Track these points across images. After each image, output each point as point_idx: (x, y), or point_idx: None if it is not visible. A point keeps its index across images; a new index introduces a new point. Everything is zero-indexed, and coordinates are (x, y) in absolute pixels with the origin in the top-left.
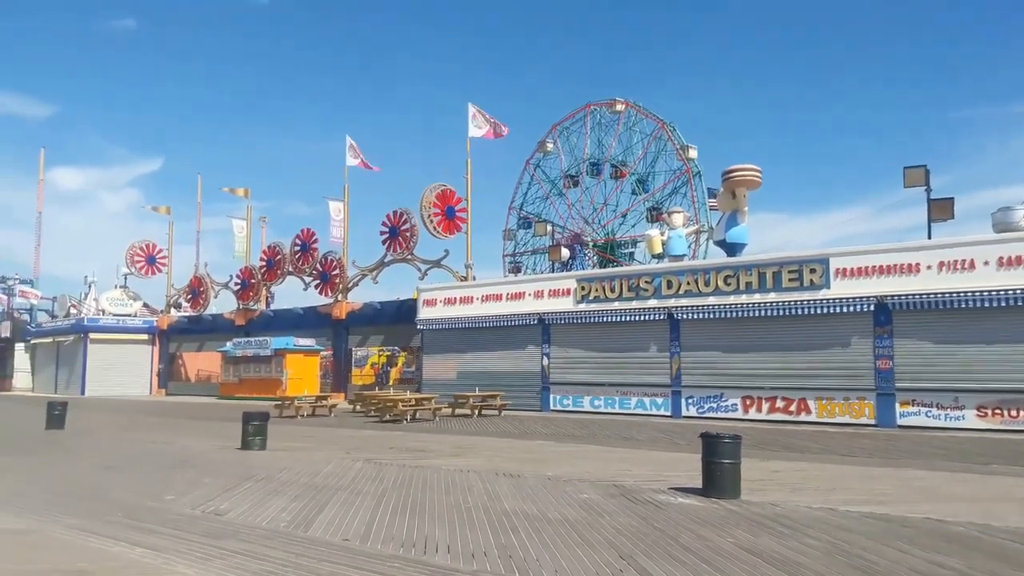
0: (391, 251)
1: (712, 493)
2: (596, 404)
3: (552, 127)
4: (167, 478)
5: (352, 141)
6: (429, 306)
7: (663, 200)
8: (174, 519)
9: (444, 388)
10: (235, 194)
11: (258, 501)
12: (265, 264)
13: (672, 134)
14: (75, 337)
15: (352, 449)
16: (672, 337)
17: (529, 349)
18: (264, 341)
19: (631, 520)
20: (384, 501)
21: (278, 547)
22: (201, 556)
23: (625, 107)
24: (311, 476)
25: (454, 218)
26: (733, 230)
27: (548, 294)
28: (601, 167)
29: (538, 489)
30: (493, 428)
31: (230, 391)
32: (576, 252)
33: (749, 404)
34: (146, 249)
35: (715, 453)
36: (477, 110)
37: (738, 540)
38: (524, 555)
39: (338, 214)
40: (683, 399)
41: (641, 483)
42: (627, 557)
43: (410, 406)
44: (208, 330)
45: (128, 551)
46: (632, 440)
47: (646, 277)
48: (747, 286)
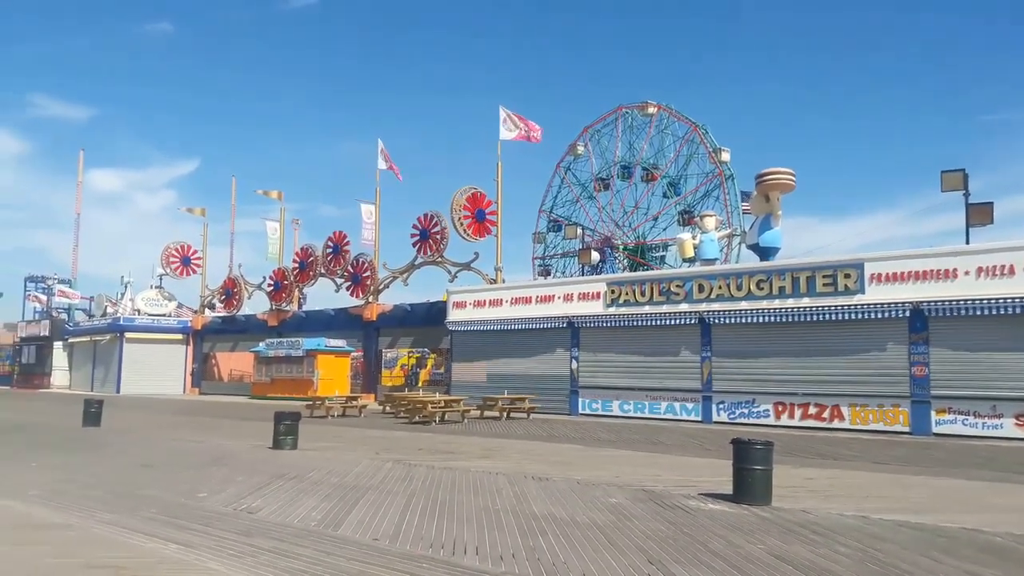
0: (421, 253)
1: (743, 499)
2: (625, 408)
3: (583, 130)
4: (200, 476)
5: (383, 145)
6: (459, 308)
7: (695, 203)
8: (207, 516)
9: (473, 390)
10: (269, 196)
11: (289, 500)
12: (298, 266)
13: (705, 137)
14: (111, 336)
15: (382, 450)
16: (703, 342)
17: (558, 352)
18: (296, 342)
19: (660, 525)
20: (413, 502)
21: (308, 545)
22: (233, 553)
23: (657, 110)
24: (341, 476)
25: (484, 221)
26: (766, 234)
27: (578, 297)
28: (632, 170)
29: (566, 492)
30: (521, 431)
31: (262, 391)
32: (606, 255)
33: (781, 410)
34: (181, 250)
35: (746, 459)
36: (508, 113)
37: (769, 547)
38: (552, 558)
39: (369, 217)
40: (714, 404)
41: (670, 488)
42: (656, 562)
43: (439, 408)
44: (241, 330)
45: (162, 547)
46: (661, 445)
47: (677, 281)
48: (780, 291)
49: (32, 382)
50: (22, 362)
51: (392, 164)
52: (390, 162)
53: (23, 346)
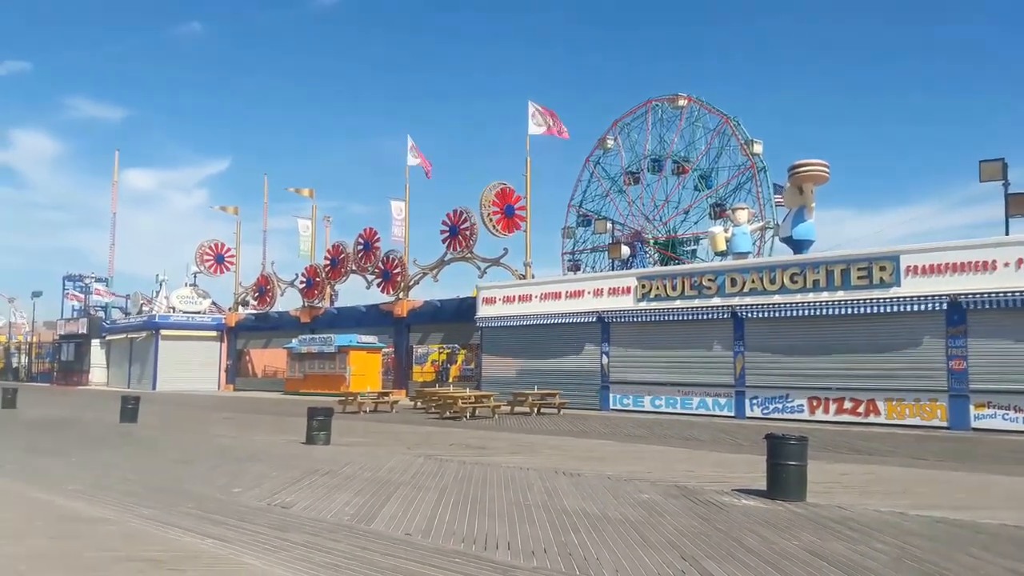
0: (451, 250)
1: (777, 495)
2: (657, 404)
3: (612, 124)
4: (235, 471)
5: (413, 142)
6: (488, 304)
7: (727, 196)
8: (242, 511)
9: (503, 386)
10: (300, 194)
11: (322, 495)
12: (329, 263)
13: (736, 129)
14: (147, 334)
15: (413, 445)
16: (736, 336)
17: (588, 347)
18: (328, 338)
19: (693, 521)
20: (445, 497)
21: (342, 540)
22: (267, 548)
23: (688, 102)
24: (374, 471)
25: (513, 216)
26: (800, 226)
27: (608, 292)
28: (663, 163)
29: (598, 488)
30: (552, 426)
31: (295, 387)
32: (636, 250)
33: (816, 405)
34: (215, 248)
35: (780, 455)
36: (536, 108)
37: (803, 543)
38: (584, 554)
39: (399, 213)
40: (747, 399)
41: (703, 484)
42: (689, 558)
43: (470, 403)
44: (274, 327)
45: (198, 541)
46: (694, 440)
47: (709, 275)
48: (814, 284)
49: (71, 379)
50: (61, 359)
51: (423, 158)
52: (420, 157)
53: (62, 344)
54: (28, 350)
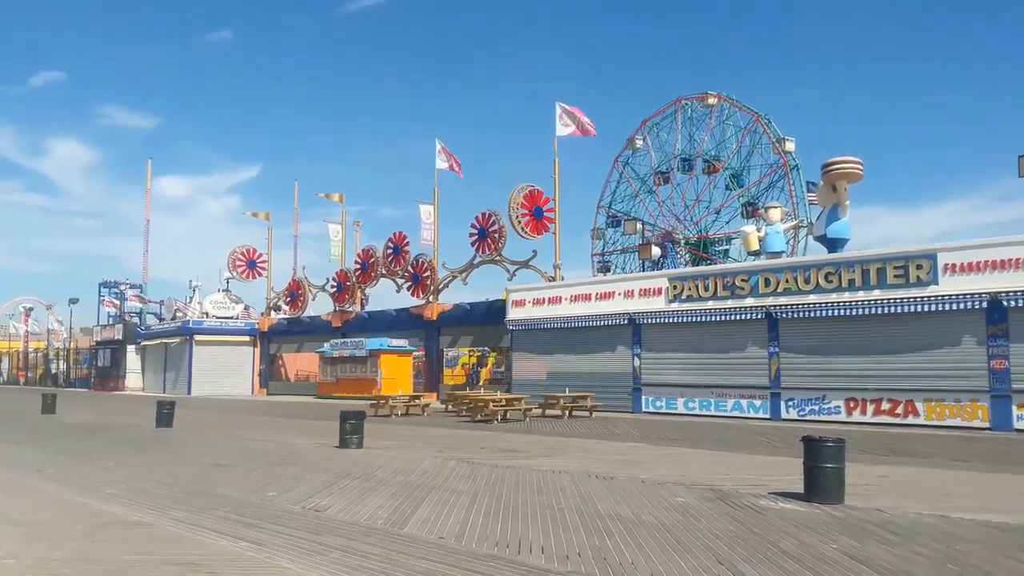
0: (480, 252)
1: (814, 498)
2: (690, 406)
3: (641, 123)
4: (269, 475)
5: (442, 145)
6: (518, 307)
7: (759, 195)
8: (276, 514)
9: (534, 388)
10: (330, 199)
11: (356, 498)
12: (359, 267)
13: (768, 127)
14: (181, 339)
15: (445, 448)
16: (770, 337)
17: (619, 349)
18: (359, 342)
19: (729, 524)
20: (477, 500)
21: (376, 544)
22: (302, 551)
23: (718, 100)
24: (406, 474)
25: (542, 218)
26: (834, 225)
27: (639, 293)
28: (693, 163)
29: (631, 491)
30: (584, 429)
31: (328, 391)
32: (667, 250)
33: (853, 406)
34: (247, 254)
35: (817, 457)
36: (564, 109)
37: (842, 546)
38: (619, 558)
39: (428, 217)
40: (782, 401)
41: (739, 487)
42: (725, 562)
43: (501, 406)
44: (306, 331)
45: (233, 544)
46: (728, 443)
47: (742, 275)
48: (850, 283)
49: (107, 384)
50: (98, 365)
51: (453, 160)
52: (451, 158)
53: (98, 349)
54: (66, 356)
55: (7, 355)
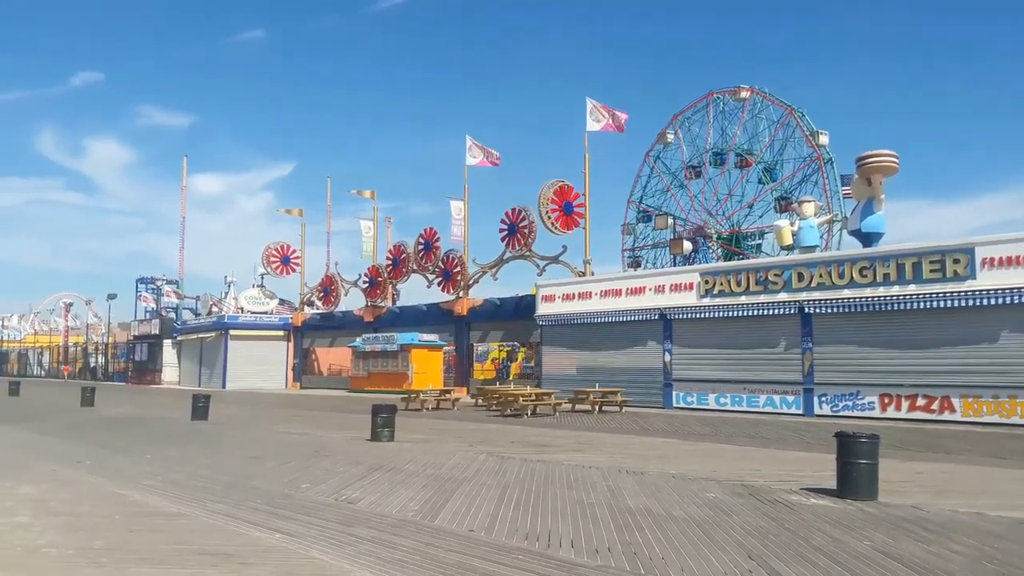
0: (510, 248)
1: (847, 494)
2: (722, 402)
3: (672, 117)
4: (303, 467)
5: (473, 141)
6: (548, 302)
7: (792, 189)
8: (309, 506)
9: (564, 383)
10: (362, 196)
11: (387, 491)
12: (391, 263)
13: (801, 120)
14: (217, 334)
15: (475, 442)
16: (804, 332)
17: (650, 345)
18: (391, 337)
19: (760, 520)
20: (507, 494)
21: (407, 536)
22: (334, 543)
23: (750, 94)
24: (437, 467)
25: (572, 214)
26: (869, 219)
27: (670, 288)
28: (725, 157)
29: (662, 487)
30: (614, 424)
31: (360, 385)
32: (699, 245)
33: (887, 402)
34: (281, 250)
35: (851, 453)
36: (595, 104)
37: (875, 543)
38: (649, 553)
39: (459, 213)
40: (816, 397)
41: (770, 483)
42: (756, 558)
43: (530, 401)
44: (339, 326)
45: (267, 536)
46: (760, 439)
47: (775, 270)
48: (885, 278)
49: (144, 378)
50: (135, 359)
51: (487, 151)
52: (485, 151)
53: (136, 344)
54: (104, 350)
55: (48, 349)
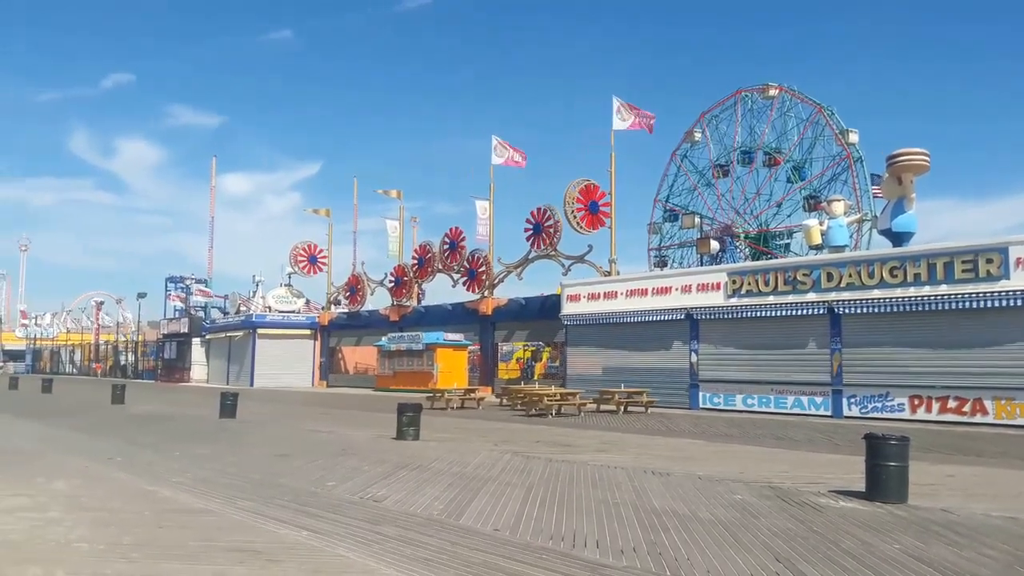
0: (535, 247)
1: (876, 497)
2: (749, 403)
3: (700, 116)
4: (329, 465)
5: (498, 140)
6: (573, 301)
7: (821, 188)
8: (336, 504)
9: (589, 383)
10: (388, 196)
11: (413, 489)
12: (416, 262)
13: (830, 118)
14: (245, 332)
15: (500, 441)
16: (832, 333)
17: (676, 345)
18: (416, 336)
19: (787, 522)
20: (532, 494)
21: (432, 534)
22: (361, 540)
23: (779, 92)
24: (462, 466)
25: (598, 213)
26: (899, 218)
27: (696, 288)
28: (753, 155)
29: (688, 488)
30: (639, 425)
31: (385, 383)
32: (726, 244)
33: (917, 404)
34: (308, 249)
35: (880, 455)
36: (621, 103)
37: (905, 547)
38: (675, 554)
39: (484, 212)
40: (844, 398)
41: (798, 484)
42: (784, 560)
43: (555, 401)
44: (365, 325)
45: (295, 533)
46: (788, 440)
47: (804, 269)
48: (915, 278)
49: (173, 376)
50: (164, 357)
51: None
52: (510, 150)
53: (165, 342)
54: (134, 348)
55: (79, 347)
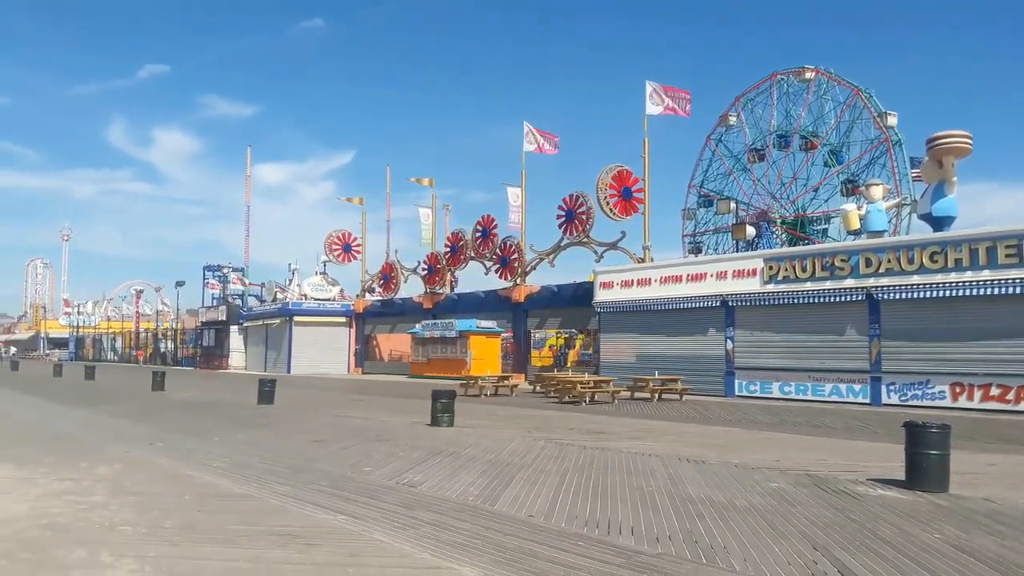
0: (567, 234)
1: (916, 485)
2: (786, 390)
3: (735, 99)
4: (365, 451)
5: (530, 127)
6: (606, 288)
7: (859, 172)
8: (372, 489)
9: (622, 371)
10: (421, 184)
11: (447, 475)
12: (449, 250)
13: (868, 101)
14: (281, 320)
15: (533, 428)
16: (871, 319)
17: (711, 332)
18: (449, 323)
19: (825, 511)
20: (566, 480)
21: (467, 519)
22: (396, 525)
23: (815, 74)
24: (496, 453)
25: (631, 199)
26: (940, 202)
27: (732, 275)
28: (789, 139)
29: (723, 476)
30: (674, 413)
31: (419, 370)
32: (762, 230)
33: (959, 392)
34: (342, 238)
35: (920, 443)
36: (655, 87)
37: (946, 536)
38: (710, 541)
39: (516, 200)
40: (883, 386)
41: (836, 473)
42: (821, 548)
43: (589, 388)
44: (399, 313)
45: (331, 518)
46: (826, 428)
47: (842, 255)
48: (956, 263)
49: (212, 363)
50: (203, 345)
51: (546, 137)
52: (542, 136)
53: (203, 330)
54: (173, 336)
55: (120, 335)
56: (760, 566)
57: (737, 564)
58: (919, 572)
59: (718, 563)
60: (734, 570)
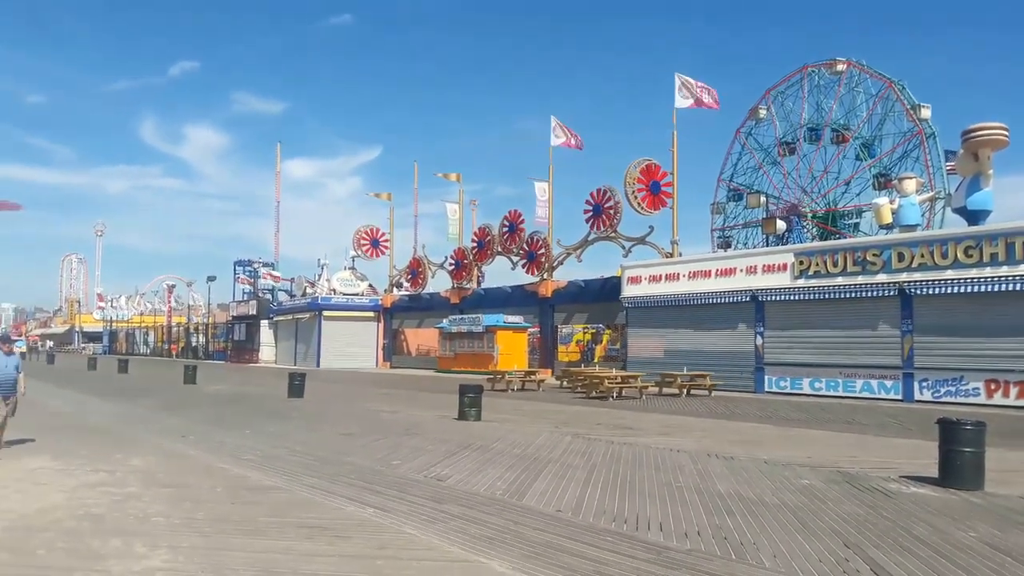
0: (595, 229)
1: (950, 483)
2: (816, 386)
3: (765, 92)
4: (393, 444)
5: (557, 121)
6: (633, 283)
7: (892, 165)
8: (400, 483)
9: (650, 366)
10: (448, 179)
11: (475, 469)
12: (476, 245)
13: (901, 93)
14: (311, 314)
15: (560, 423)
16: (904, 315)
17: (740, 327)
18: (476, 318)
19: (857, 508)
20: (594, 476)
21: (495, 514)
22: (425, 518)
23: (847, 66)
24: (523, 447)
25: (659, 193)
26: (975, 196)
27: (762, 269)
28: (820, 132)
29: (753, 472)
30: (703, 408)
31: (447, 365)
32: (793, 224)
33: (994, 388)
34: (370, 233)
35: (954, 440)
36: (683, 80)
37: (981, 535)
38: (740, 538)
39: (543, 194)
40: (916, 382)
41: (868, 470)
42: (853, 546)
43: (616, 383)
44: (426, 308)
45: (360, 511)
46: (857, 425)
47: (874, 250)
48: (992, 258)
49: (243, 357)
50: (234, 339)
51: (572, 135)
52: (569, 133)
53: (234, 324)
54: (205, 330)
55: (152, 329)
56: (791, 563)
57: (767, 560)
58: (954, 571)
59: (748, 559)
60: (764, 566)
